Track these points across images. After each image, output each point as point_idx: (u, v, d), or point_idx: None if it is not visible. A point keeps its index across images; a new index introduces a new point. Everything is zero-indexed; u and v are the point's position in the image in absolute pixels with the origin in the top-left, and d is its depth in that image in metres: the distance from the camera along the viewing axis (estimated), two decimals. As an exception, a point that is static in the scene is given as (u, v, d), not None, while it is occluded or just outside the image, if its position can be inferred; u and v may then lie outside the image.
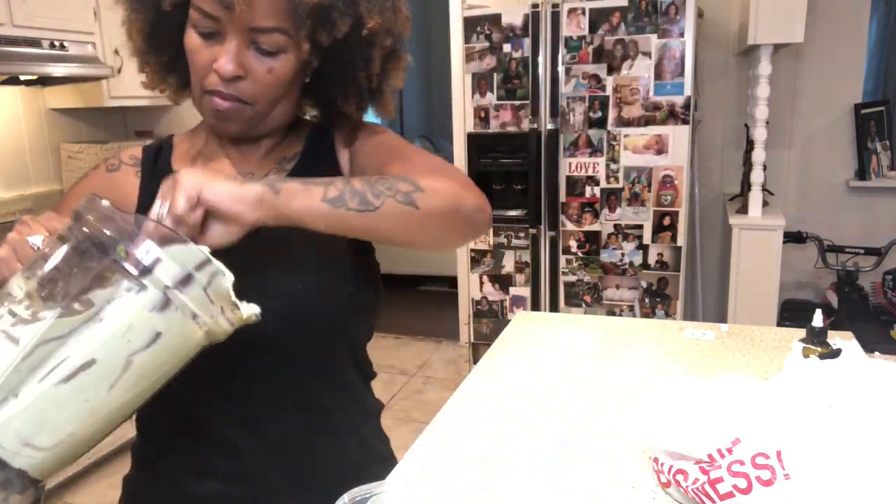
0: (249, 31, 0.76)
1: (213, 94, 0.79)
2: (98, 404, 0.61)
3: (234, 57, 0.76)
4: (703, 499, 0.76)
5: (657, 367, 1.24)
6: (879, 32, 3.48)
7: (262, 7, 0.74)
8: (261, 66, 0.78)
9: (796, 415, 0.76)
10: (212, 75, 0.78)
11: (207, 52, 0.77)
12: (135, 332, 0.59)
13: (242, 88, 0.78)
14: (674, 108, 2.81)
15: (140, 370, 0.61)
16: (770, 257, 2.86)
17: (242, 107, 0.80)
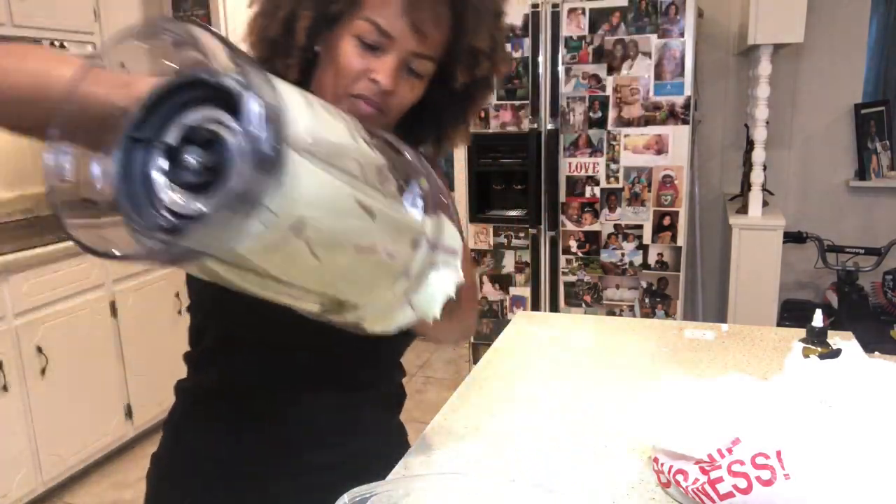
0: (411, 53, 0.82)
1: (360, 99, 0.83)
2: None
3: (395, 73, 0.82)
4: (703, 499, 0.76)
5: (657, 367, 1.24)
6: (879, 32, 3.48)
7: (432, 37, 0.82)
8: (406, 84, 0.85)
9: (796, 415, 0.76)
10: (364, 83, 0.82)
11: (362, 61, 0.82)
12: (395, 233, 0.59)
13: (388, 101, 0.84)
14: (674, 108, 2.81)
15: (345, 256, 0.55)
16: (770, 257, 2.86)
17: (380, 116, 0.86)
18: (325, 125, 0.51)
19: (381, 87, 0.82)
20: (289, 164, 0.44)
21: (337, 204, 0.50)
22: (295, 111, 0.47)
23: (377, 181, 0.55)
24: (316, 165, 0.47)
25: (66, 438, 2.56)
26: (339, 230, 0.52)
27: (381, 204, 0.55)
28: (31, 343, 2.41)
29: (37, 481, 2.46)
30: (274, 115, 0.43)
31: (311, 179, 0.47)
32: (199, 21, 0.51)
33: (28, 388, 2.41)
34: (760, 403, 0.79)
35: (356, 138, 0.55)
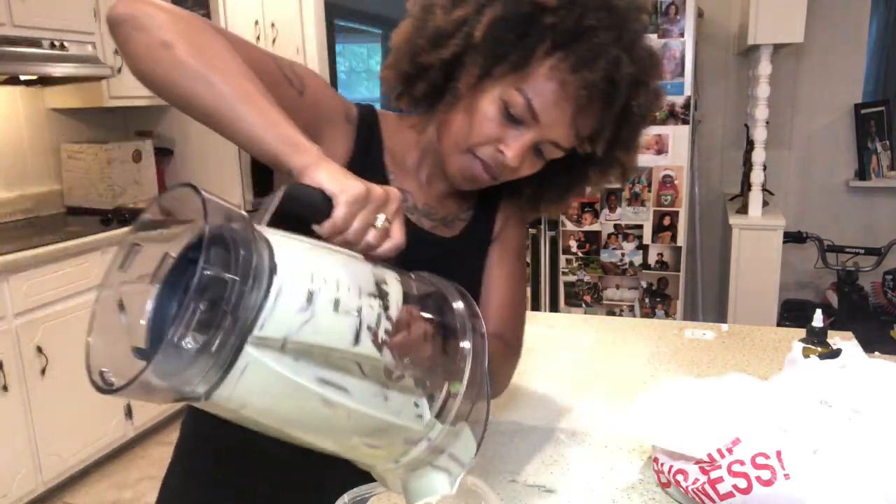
0: (549, 140, 0.79)
1: (479, 161, 0.81)
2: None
3: (524, 153, 0.80)
4: (703, 499, 0.76)
5: (657, 367, 1.24)
6: (879, 33, 3.48)
7: (578, 137, 0.79)
8: (528, 162, 0.82)
9: (796, 415, 0.76)
10: (489, 148, 0.79)
11: (498, 128, 0.78)
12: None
13: (504, 173, 0.82)
14: (674, 108, 2.81)
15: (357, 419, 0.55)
16: (770, 257, 2.86)
17: (491, 181, 0.84)
18: (318, 323, 0.47)
19: (505, 161, 0.79)
20: (237, 359, 0.44)
21: (288, 400, 0.49)
22: (285, 305, 0.45)
23: (377, 377, 0.52)
24: (274, 363, 0.46)
25: (66, 438, 2.56)
26: (291, 419, 0.51)
27: (364, 404, 0.52)
28: (31, 343, 2.41)
29: (37, 481, 2.46)
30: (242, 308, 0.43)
31: (259, 374, 0.45)
32: (195, 187, 0.48)
33: (28, 388, 2.41)
34: (760, 403, 0.79)
35: (361, 338, 0.50)
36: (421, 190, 0.91)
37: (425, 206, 0.91)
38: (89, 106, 3.14)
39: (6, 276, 2.32)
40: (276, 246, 0.48)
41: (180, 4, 0.77)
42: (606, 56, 0.74)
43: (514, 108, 0.77)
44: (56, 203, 3.20)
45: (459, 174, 0.83)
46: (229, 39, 0.69)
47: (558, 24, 0.74)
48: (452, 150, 0.82)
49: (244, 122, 0.61)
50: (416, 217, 0.89)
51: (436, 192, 0.91)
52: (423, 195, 0.91)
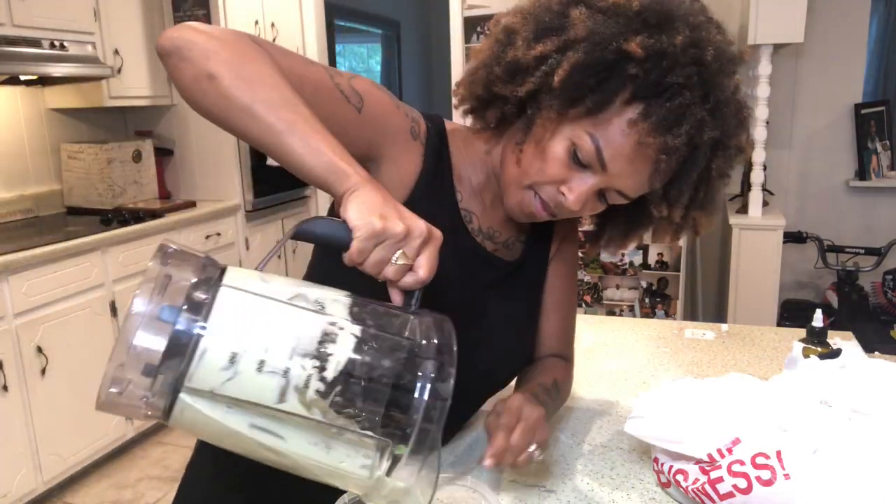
0: (613, 188, 0.76)
1: (538, 199, 0.79)
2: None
3: (587, 198, 0.77)
4: (703, 499, 0.76)
5: (657, 367, 1.24)
6: (879, 32, 3.48)
7: (642, 188, 0.76)
8: (591, 205, 0.79)
9: (796, 415, 0.76)
10: (551, 188, 0.78)
11: (563, 169, 0.76)
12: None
13: (563, 213, 0.80)
14: (674, 108, 2.81)
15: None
16: (770, 257, 2.86)
17: (549, 217, 0.82)
18: (241, 381, 0.52)
19: (565, 203, 0.77)
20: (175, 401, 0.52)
21: (229, 439, 0.55)
22: (208, 364, 0.51)
23: (317, 428, 0.54)
24: (207, 409, 0.53)
25: (66, 438, 2.56)
26: (240, 451, 0.57)
27: (302, 451, 0.55)
28: (31, 343, 2.41)
29: (37, 481, 2.46)
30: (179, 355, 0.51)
31: (195, 414, 0.53)
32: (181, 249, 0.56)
33: (28, 388, 2.41)
34: (760, 403, 0.79)
35: (287, 396, 0.53)
36: (485, 212, 0.89)
37: (489, 229, 0.89)
38: (89, 106, 3.14)
39: (6, 276, 2.32)
40: (223, 304, 0.53)
41: (179, 4, 0.77)
42: (691, 120, 0.71)
43: (582, 153, 0.74)
44: (56, 203, 3.20)
45: (518, 208, 0.82)
46: (279, 60, 0.68)
47: (643, 77, 0.71)
48: (513, 184, 0.81)
49: (291, 155, 0.62)
50: (481, 239, 0.88)
51: (499, 216, 0.90)
52: (487, 217, 0.89)
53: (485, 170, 0.88)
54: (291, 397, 0.53)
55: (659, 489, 0.85)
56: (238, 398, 0.52)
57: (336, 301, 0.58)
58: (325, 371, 0.53)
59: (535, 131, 0.77)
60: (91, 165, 3.14)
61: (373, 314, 0.58)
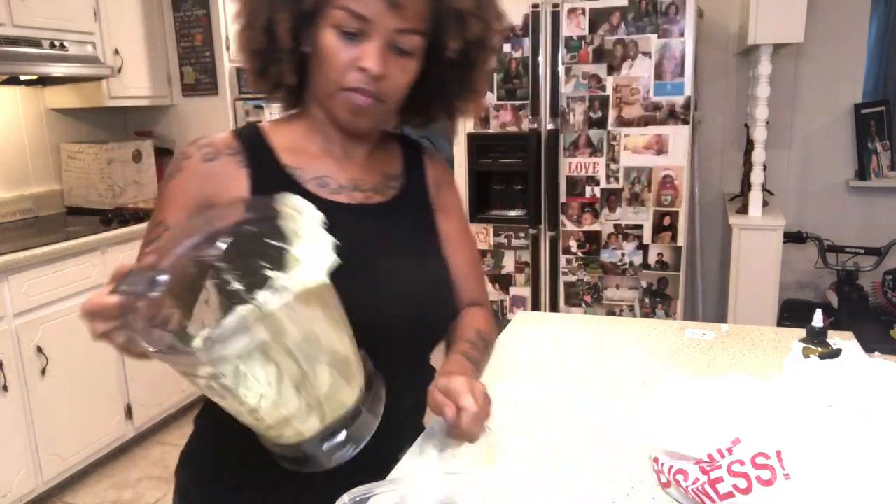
0: (394, 31, 0.80)
1: (354, 91, 0.83)
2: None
3: (381, 56, 0.81)
4: (703, 499, 0.76)
5: (657, 367, 1.24)
6: (879, 32, 3.48)
7: (411, 9, 0.80)
8: (396, 66, 0.83)
9: (796, 415, 0.76)
10: (353, 73, 0.82)
11: (348, 52, 0.81)
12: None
13: (382, 87, 0.83)
14: (674, 108, 2.81)
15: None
16: (770, 257, 2.86)
17: (377, 104, 0.84)
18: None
19: (371, 73, 0.80)
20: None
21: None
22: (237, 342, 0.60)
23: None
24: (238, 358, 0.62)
25: (66, 438, 2.56)
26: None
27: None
28: (31, 343, 2.41)
29: (37, 481, 2.46)
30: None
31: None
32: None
33: (28, 388, 2.41)
34: (760, 403, 0.79)
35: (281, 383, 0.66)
36: (341, 166, 0.93)
37: (351, 181, 0.93)
38: (89, 106, 3.14)
39: (6, 276, 2.32)
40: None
41: (179, 4, 0.82)
42: None
43: (346, 25, 0.80)
44: (56, 203, 3.20)
45: (346, 114, 0.86)
46: None
47: None
48: (328, 98, 0.86)
49: None
50: (346, 193, 0.92)
51: (358, 163, 0.95)
52: (345, 171, 0.93)
53: (317, 130, 0.93)
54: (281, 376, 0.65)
55: (659, 489, 0.85)
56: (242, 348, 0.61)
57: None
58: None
59: (312, 51, 0.84)
60: (91, 165, 3.14)
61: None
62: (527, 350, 1.34)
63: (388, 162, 0.99)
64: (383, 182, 0.96)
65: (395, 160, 1.00)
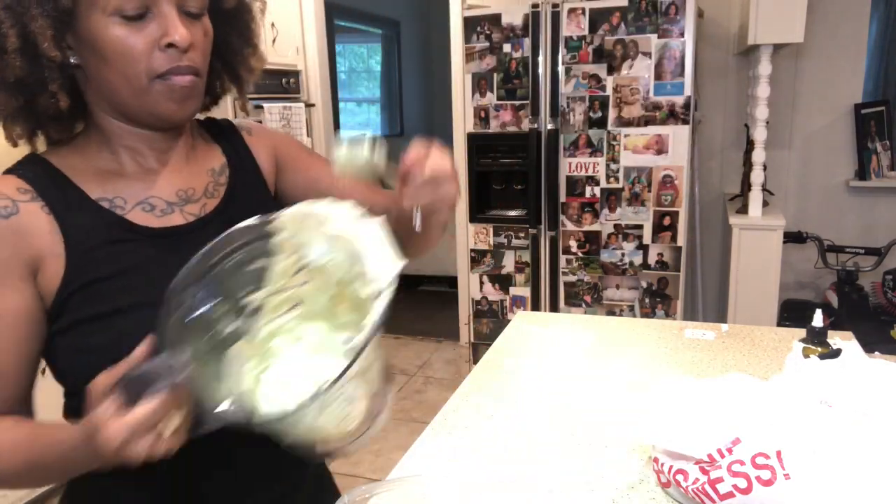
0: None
1: (170, 75, 0.71)
2: None
3: (182, 24, 0.71)
4: (703, 499, 0.76)
5: (657, 367, 1.24)
6: (879, 32, 3.48)
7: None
8: (196, 31, 0.74)
9: (796, 415, 0.76)
10: (159, 56, 0.71)
11: (141, 36, 0.69)
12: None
13: (194, 59, 0.73)
14: (674, 108, 2.81)
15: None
16: (770, 257, 2.86)
17: (197, 80, 0.75)
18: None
19: (180, 46, 0.70)
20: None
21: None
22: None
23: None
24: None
25: (66, 438, 2.56)
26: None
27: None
28: (31, 343, 2.41)
29: (37, 481, 2.46)
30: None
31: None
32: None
33: (28, 388, 2.41)
34: (760, 403, 0.79)
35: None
36: (162, 180, 0.80)
37: (180, 194, 0.80)
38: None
39: (6, 276, 2.32)
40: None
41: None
42: None
43: (127, 9, 0.68)
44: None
45: (170, 104, 0.74)
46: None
47: None
48: (138, 97, 0.73)
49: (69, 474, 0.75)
50: (179, 212, 0.79)
51: (178, 169, 0.82)
52: (168, 184, 0.80)
53: (115, 147, 0.78)
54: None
55: (659, 489, 0.85)
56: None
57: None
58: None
59: (87, 56, 0.71)
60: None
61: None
62: (527, 350, 1.35)
63: (207, 155, 0.86)
64: (213, 181, 0.84)
65: (213, 150, 0.87)
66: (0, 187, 0.72)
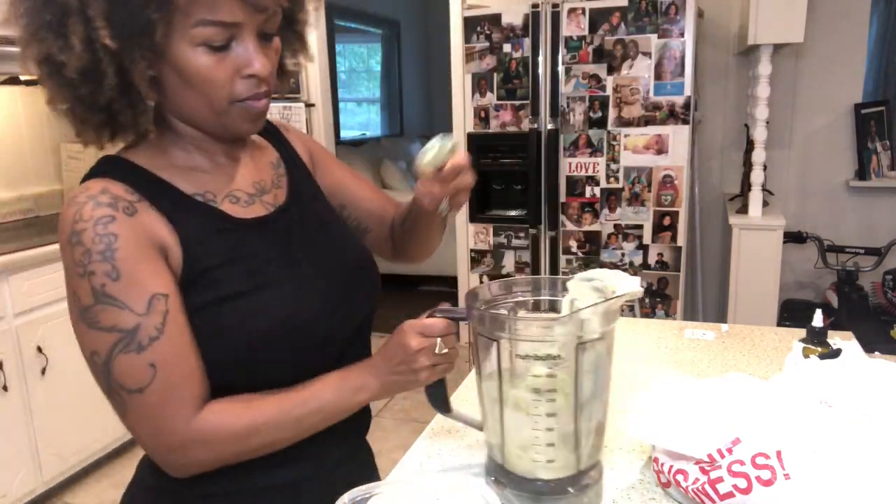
0: (262, 22, 0.75)
1: (248, 101, 0.76)
2: None
3: (262, 55, 0.75)
4: (703, 499, 0.76)
5: (657, 367, 1.24)
6: (879, 32, 3.48)
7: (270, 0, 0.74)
8: (270, 53, 0.78)
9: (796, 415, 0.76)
10: (240, 84, 0.75)
11: (224, 65, 0.73)
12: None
13: (269, 83, 0.78)
14: (674, 108, 2.81)
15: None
16: (770, 257, 2.86)
17: (268, 100, 0.80)
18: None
19: (259, 75, 0.75)
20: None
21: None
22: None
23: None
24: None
25: (66, 438, 2.56)
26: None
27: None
28: (31, 343, 2.41)
29: (37, 481, 2.46)
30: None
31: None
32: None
33: (28, 388, 2.41)
34: (760, 403, 0.79)
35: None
36: (238, 175, 0.86)
37: (255, 186, 0.87)
38: (89, 106, 3.14)
39: (6, 276, 2.32)
40: None
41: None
42: None
43: (215, 40, 0.72)
44: (56, 203, 3.20)
45: (245, 124, 0.79)
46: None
47: None
48: (218, 116, 0.77)
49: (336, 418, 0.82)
50: (259, 202, 0.86)
51: (247, 164, 0.88)
52: (244, 178, 0.87)
53: (189, 147, 0.83)
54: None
55: (659, 489, 0.85)
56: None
57: None
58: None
59: (168, 79, 0.74)
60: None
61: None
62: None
63: (264, 150, 0.93)
64: (275, 174, 0.91)
65: (266, 145, 0.94)
66: (112, 190, 0.75)
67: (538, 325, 0.81)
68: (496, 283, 0.88)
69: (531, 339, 0.77)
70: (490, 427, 0.82)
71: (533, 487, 0.78)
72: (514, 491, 0.79)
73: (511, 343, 0.77)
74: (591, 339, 0.77)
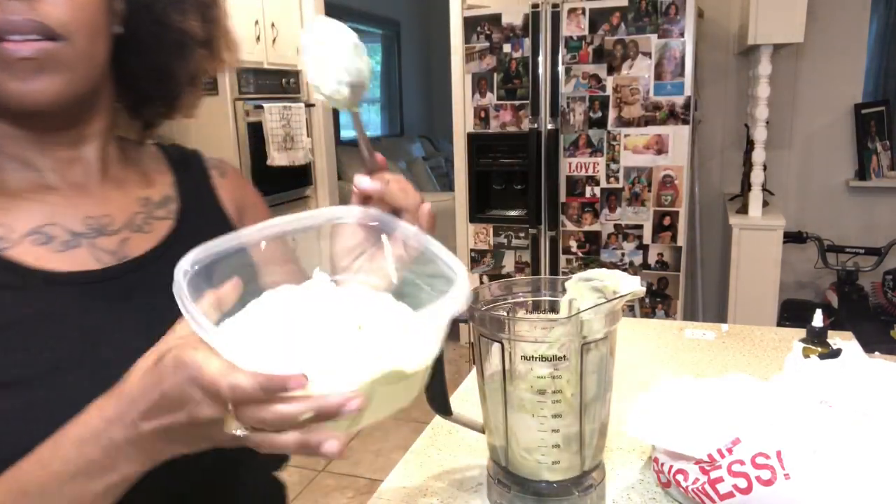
0: None
1: (4, 43, 0.51)
2: None
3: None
4: (703, 499, 0.76)
5: (657, 367, 1.24)
6: (879, 32, 3.48)
7: None
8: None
9: (796, 415, 0.76)
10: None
11: None
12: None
13: (47, 11, 0.52)
14: (674, 108, 2.81)
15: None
16: (770, 257, 2.86)
17: (54, 46, 0.52)
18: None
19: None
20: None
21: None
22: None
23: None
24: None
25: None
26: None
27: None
28: (31, 343, 2.41)
29: (37, 481, 2.46)
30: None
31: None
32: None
33: (28, 388, 2.40)
34: (760, 403, 0.79)
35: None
36: (65, 200, 0.60)
37: (91, 221, 0.60)
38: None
39: (6, 276, 2.32)
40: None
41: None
42: None
43: None
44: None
45: (12, 81, 0.52)
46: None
47: None
48: None
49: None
50: (88, 246, 0.58)
51: (84, 189, 0.61)
52: (75, 206, 0.60)
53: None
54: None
55: (659, 489, 0.85)
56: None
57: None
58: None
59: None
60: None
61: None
62: (527, 350, 1.34)
63: (145, 180, 0.67)
64: (144, 213, 0.64)
65: (160, 177, 0.69)
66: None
67: (540, 326, 0.80)
68: (497, 283, 0.86)
69: (533, 340, 0.76)
70: (494, 429, 0.82)
71: (537, 489, 0.78)
72: (518, 493, 0.79)
73: (513, 344, 0.77)
74: (594, 339, 0.77)
